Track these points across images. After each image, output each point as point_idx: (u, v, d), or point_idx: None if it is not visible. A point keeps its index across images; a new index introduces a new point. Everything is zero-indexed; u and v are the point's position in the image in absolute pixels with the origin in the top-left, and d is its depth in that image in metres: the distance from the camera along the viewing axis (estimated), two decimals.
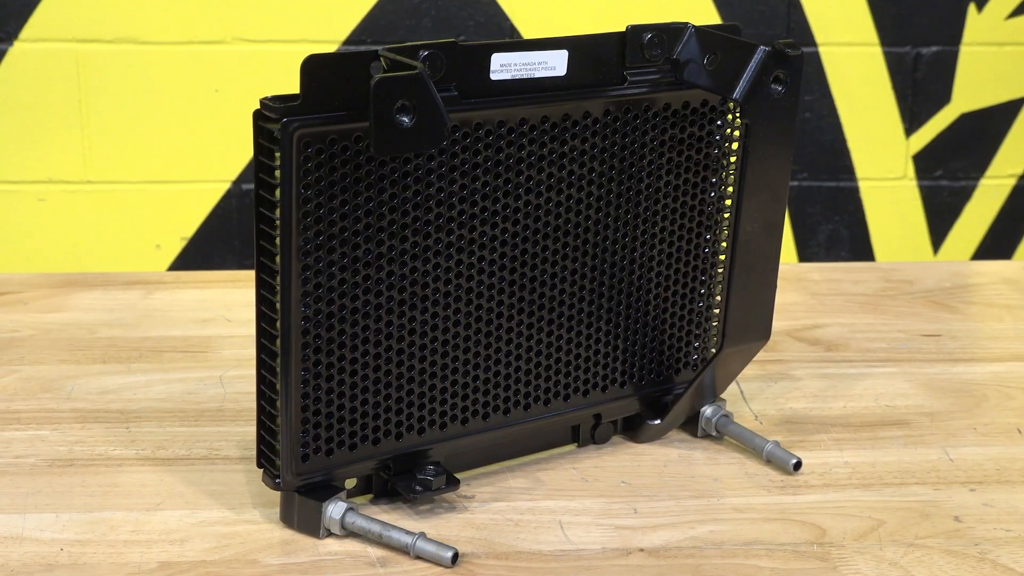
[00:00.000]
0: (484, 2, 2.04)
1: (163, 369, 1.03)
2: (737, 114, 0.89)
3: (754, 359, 1.06)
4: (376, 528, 0.80)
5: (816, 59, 2.04)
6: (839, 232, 2.15)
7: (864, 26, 2.04)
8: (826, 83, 2.06)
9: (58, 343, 1.08)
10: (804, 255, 2.15)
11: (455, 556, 0.78)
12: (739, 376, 1.04)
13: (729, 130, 0.90)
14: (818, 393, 1.02)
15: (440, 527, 0.82)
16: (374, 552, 0.80)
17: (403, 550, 0.79)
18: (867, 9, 2.02)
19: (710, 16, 2.04)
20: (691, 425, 0.95)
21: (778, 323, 1.15)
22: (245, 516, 0.83)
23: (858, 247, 2.15)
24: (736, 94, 0.82)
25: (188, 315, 1.14)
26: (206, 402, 0.98)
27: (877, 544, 0.82)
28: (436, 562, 0.78)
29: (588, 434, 0.93)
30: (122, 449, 0.91)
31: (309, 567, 0.78)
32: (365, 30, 2.02)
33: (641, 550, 0.81)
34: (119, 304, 1.16)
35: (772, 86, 0.83)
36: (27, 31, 1.95)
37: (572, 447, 0.93)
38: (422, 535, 0.79)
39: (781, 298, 1.19)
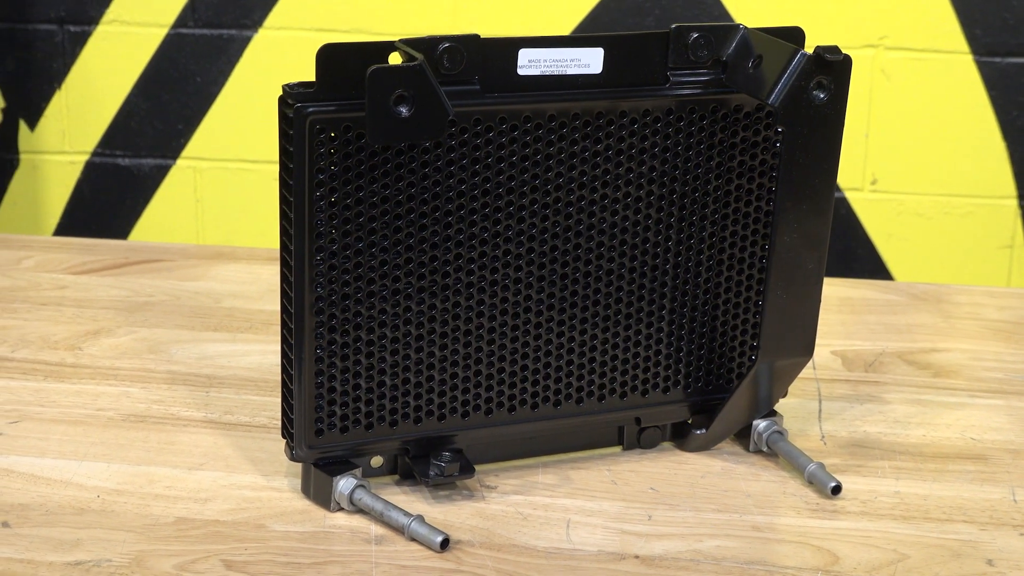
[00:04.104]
0: (709, 2, 2.01)
1: (265, 341, 1.09)
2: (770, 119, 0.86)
3: (848, 378, 1.03)
4: (379, 506, 0.82)
5: None
6: None
7: None
8: None
9: (182, 309, 1.15)
10: None
11: (445, 541, 0.79)
12: (824, 393, 1.01)
13: None
14: (901, 419, 0.97)
15: (450, 513, 0.84)
16: (376, 530, 0.82)
17: (399, 530, 0.81)
18: None
19: (945, 21, 1.95)
20: (745, 439, 0.92)
21: (892, 344, 1.10)
22: (273, 484, 0.87)
23: None
24: (772, 99, 0.79)
25: None
26: None
27: None
28: (427, 545, 0.80)
29: (633, 438, 0.92)
30: (193, 411, 0.97)
31: (308, 537, 0.81)
32: (587, 28, 2.04)
33: (636, 557, 0.80)
34: (253, 277, 1.22)
35: (814, 92, 0.80)
36: (270, 20, 2.07)
37: (617, 449, 0.92)
38: (419, 518, 0.81)
39: (908, 318, 1.14)
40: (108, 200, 2.13)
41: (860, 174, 2.11)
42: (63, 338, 1.08)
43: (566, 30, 2.04)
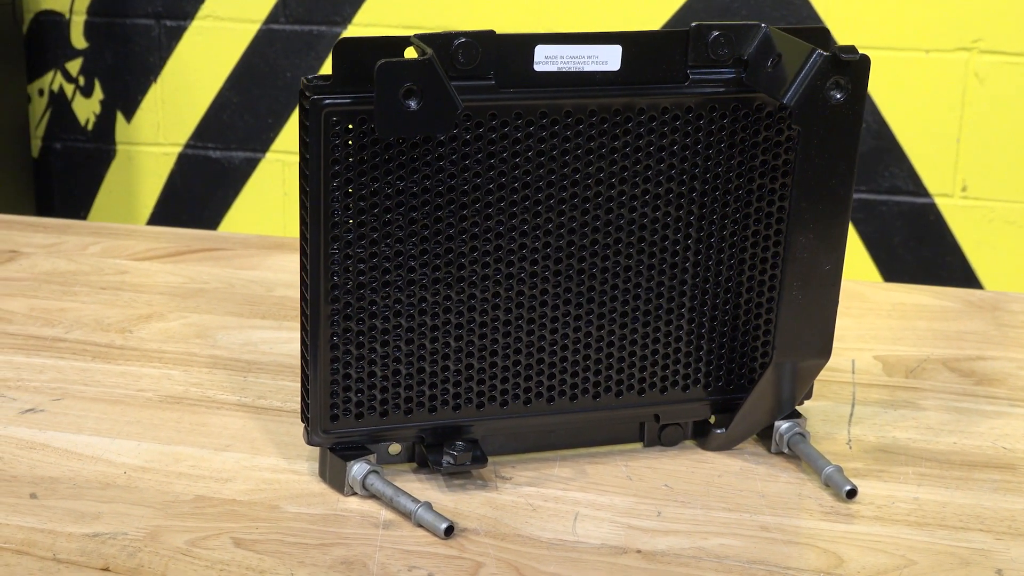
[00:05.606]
0: (797, 3, 2.00)
1: None
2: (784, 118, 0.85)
3: (886, 383, 1.01)
4: (389, 492, 0.83)
5: None
6: None
7: None
8: None
9: (234, 297, 1.18)
10: None
11: (449, 529, 0.80)
12: (859, 398, 1.00)
13: None
14: (934, 426, 0.96)
15: (461, 501, 0.85)
16: (386, 515, 0.83)
17: (407, 516, 0.82)
18: None
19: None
20: (768, 440, 0.92)
21: (938, 351, 1.08)
22: (294, 467, 0.89)
23: None
24: (787, 98, 0.79)
25: None
26: None
27: None
28: (432, 532, 0.81)
29: (654, 435, 0.92)
30: (228, 395, 0.99)
31: (319, 519, 0.83)
32: (673, 26, 2.03)
33: (638, 552, 0.80)
34: None
35: (830, 92, 0.79)
36: (359, 16, 2.11)
37: (638, 446, 0.92)
38: (426, 504, 0.82)
39: (959, 325, 1.12)
40: (199, 191, 2.19)
41: (951, 180, 2.07)
42: (116, 321, 1.12)
43: (654, 27, 2.04)
